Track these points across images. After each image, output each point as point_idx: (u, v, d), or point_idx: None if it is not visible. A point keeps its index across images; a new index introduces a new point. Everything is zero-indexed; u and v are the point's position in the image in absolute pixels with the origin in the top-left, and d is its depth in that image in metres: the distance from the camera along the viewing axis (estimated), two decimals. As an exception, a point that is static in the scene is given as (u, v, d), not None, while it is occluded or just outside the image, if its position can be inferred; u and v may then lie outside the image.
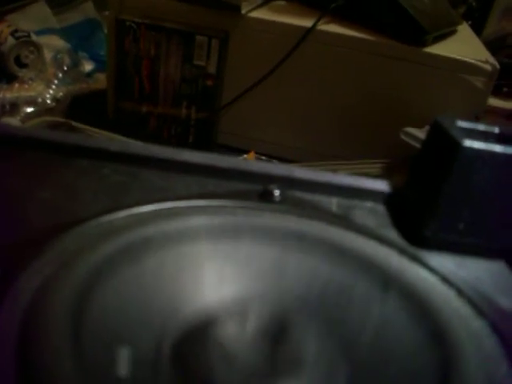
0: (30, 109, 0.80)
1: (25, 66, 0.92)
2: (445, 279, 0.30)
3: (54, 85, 0.86)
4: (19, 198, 0.31)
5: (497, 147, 0.31)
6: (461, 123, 0.34)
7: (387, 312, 0.28)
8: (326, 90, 0.78)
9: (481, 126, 0.34)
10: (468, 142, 0.31)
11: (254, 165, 0.38)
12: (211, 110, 0.80)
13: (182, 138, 0.82)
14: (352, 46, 0.75)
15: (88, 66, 0.98)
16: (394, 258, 0.31)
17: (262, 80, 0.77)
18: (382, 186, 0.38)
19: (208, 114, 0.80)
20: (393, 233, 0.34)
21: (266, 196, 0.35)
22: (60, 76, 0.88)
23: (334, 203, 0.36)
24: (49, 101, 0.83)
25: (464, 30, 0.88)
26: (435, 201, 0.33)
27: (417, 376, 0.25)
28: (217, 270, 0.30)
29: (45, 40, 0.97)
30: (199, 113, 0.80)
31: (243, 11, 0.75)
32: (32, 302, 0.23)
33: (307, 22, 0.74)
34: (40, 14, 1.04)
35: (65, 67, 0.90)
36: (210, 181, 0.36)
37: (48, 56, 0.94)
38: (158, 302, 0.27)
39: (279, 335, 0.28)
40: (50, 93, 0.84)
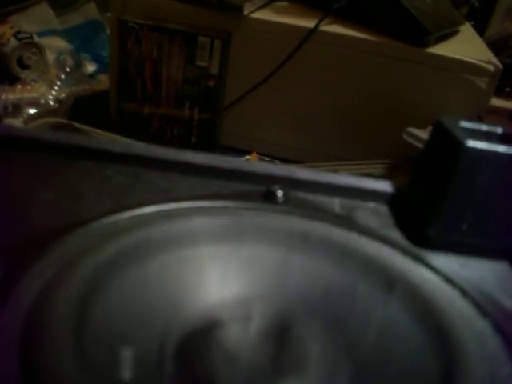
0: (32, 110, 0.81)
1: (27, 67, 0.92)
2: (448, 279, 0.30)
3: (56, 86, 0.86)
4: (22, 199, 0.32)
5: (500, 147, 0.31)
6: (464, 123, 0.34)
7: (391, 312, 0.28)
8: (328, 90, 0.78)
9: (484, 127, 0.34)
10: (471, 143, 0.31)
11: (256, 166, 0.38)
12: (214, 110, 0.80)
13: (184, 139, 0.82)
14: (354, 46, 0.75)
15: (90, 67, 0.98)
16: (397, 259, 0.31)
17: (264, 81, 0.77)
18: (384, 186, 0.38)
19: (210, 114, 0.80)
20: (396, 233, 0.34)
21: (269, 197, 0.35)
22: (62, 77, 0.88)
23: (337, 204, 0.36)
24: (51, 102, 0.83)
25: (466, 31, 0.88)
26: (438, 201, 0.33)
27: (420, 376, 0.25)
28: (220, 270, 0.30)
29: (47, 41, 0.98)
30: (202, 114, 0.80)
31: (245, 12, 0.75)
32: (35, 303, 0.24)
33: (309, 23, 0.74)
34: (42, 15, 1.04)
35: (67, 68, 0.90)
36: (213, 182, 0.36)
37: (50, 57, 0.94)
38: (161, 303, 0.27)
39: (282, 336, 0.28)
40: (53, 94, 0.84)
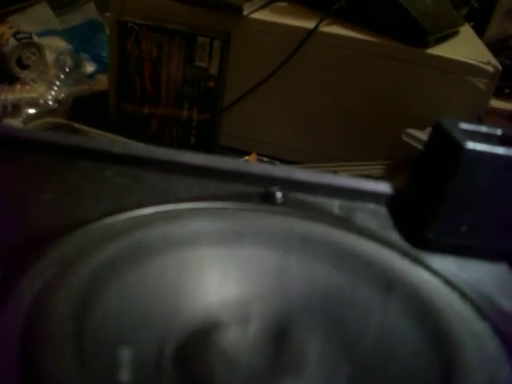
0: (31, 110, 0.80)
1: (26, 67, 0.92)
2: (447, 281, 0.30)
3: (55, 86, 0.86)
4: (21, 199, 0.31)
5: (499, 149, 0.31)
6: (463, 125, 0.34)
7: (389, 314, 0.28)
8: (328, 91, 0.78)
9: (483, 128, 0.34)
10: (470, 144, 0.31)
11: (255, 167, 0.38)
12: (213, 111, 0.80)
13: (183, 140, 0.82)
14: (354, 47, 0.75)
15: (90, 68, 0.98)
16: (396, 260, 0.31)
17: (263, 81, 0.77)
18: (383, 187, 0.38)
19: (210, 115, 0.80)
20: (395, 235, 0.34)
21: (268, 198, 0.35)
22: (62, 77, 0.88)
23: (336, 205, 0.36)
24: (51, 102, 0.83)
25: (466, 32, 0.88)
26: (437, 203, 0.33)
27: (419, 377, 0.25)
28: (219, 272, 0.30)
29: (47, 41, 0.97)
30: (201, 114, 0.80)
31: (245, 12, 0.75)
32: (34, 304, 0.24)
33: (309, 24, 0.74)
34: (42, 15, 1.04)
35: (67, 68, 0.90)
36: (212, 183, 0.36)
37: (50, 57, 0.94)
38: (160, 304, 0.27)
39: (281, 337, 0.28)
40: (52, 94, 0.84)
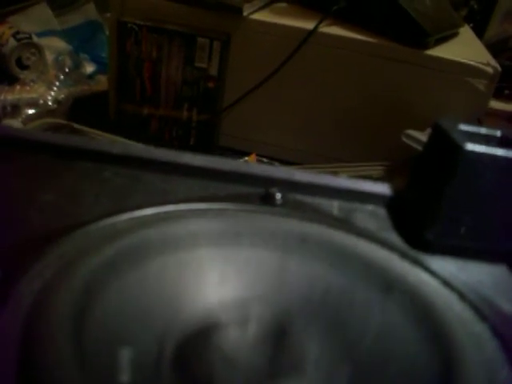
0: (31, 111, 0.80)
1: (26, 67, 0.92)
2: (446, 283, 0.30)
3: (55, 86, 0.86)
4: (21, 200, 0.31)
5: (499, 151, 0.31)
6: (462, 126, 0.34)
7: (389, 315, 0.28)
8: (327, 92, 0.78)
9: (483, 130, 0.34)
10: (470, 146, 0.31)
11: (255, 168, 0.38)
12: (213, 112, 0.80)
13: (183, 140, 0.82)
14: (354, 48, 0.75)
15: (89, 68, 0.98)
16: (395, 262, 0.31)
17: (263, 82, 0.77)
18: (383, 188, 0.38)
19: (209, 116, 0.80)
20: (394, 236, 0.34)
21: (268, 199, 0.35)
22: (61, 78, 0.88)
23: (335, 206, 0.36)
24: (50, 103, 0.83)
25: (466, 33, 0.88)
26: (436, 204, 0.33)
27: (418, 379, 0.25)
28: (218, 272, 0.30)
29: (46, 42, 0.97)
30: (201, 115, 0.80)
31: (245, 13, 0.75)
32: (34, 304, 0.24)
33: (309, 25, 0.74)
34: (41, 15, 1.04)
35: (66, 69, 0.90)
36: (212, 184, 0.36)
37: (49, 58, 0.94)
38: (160, 304, 0.27)
39: (281, 337, 0.28)
40: (52, 95, 0.84)
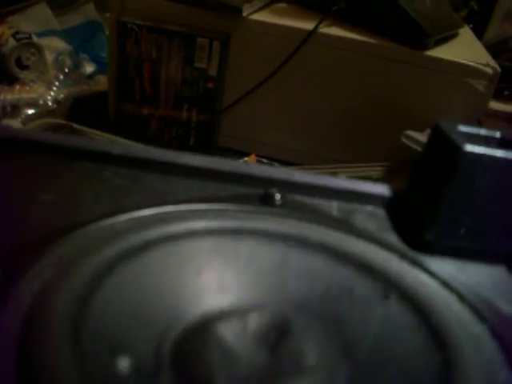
0: (31, 111, 0.81)
1: (26, 67, 0.92)
2: (445, 284, 0.30)
3: (55, 87, 0.86)
4: (20, 200, 0.31)
5: (498, 152, 0.31)
6: (462, 127, 0.34)
7: (388, 316, 0.28)
8: (327, 92, 0.78)
9: (482, 131, 0.34)
10: (469, 147, 0.31)
11: (254, 168, 0.38)
12: (212, 112, 0.80)
13: (182, 141, 0.82)
14: (353, 48, 0.75)
15: (89, 68, 0.98)
16: (394, 263, 0.31)
17: (263, 82, 0.77)
18: (382, 189, 0.38)
19: (209, 116, 0.80)
20: (393, 237, 0.34)
21: (267, 200, 0.35)
22: (61, 78, 0.88)
23: (335, 207, 0.36)
24: (50, 103, 0.83)
25: (465, 34, 0.88)
26: (436, 205, 0.33)
27: (417, 379, 0.25)
28: (217, 272, 0.30)
29: (46, 42, 0.97)
30: (200, 115, 0.80)
31: (244, 13, 0.75)
32: (33, 304, 0.24)
33: (309, 25, 0.74)
34: (41, 15, 1.04)
35: (66, 69, 0.90)
36: (211, 184, 0.36)
37: (49, 58, 0.94)
38: (160, 304, 0.27)
39: (280, 337, 0.28)
40: (51, 95, 0.84)
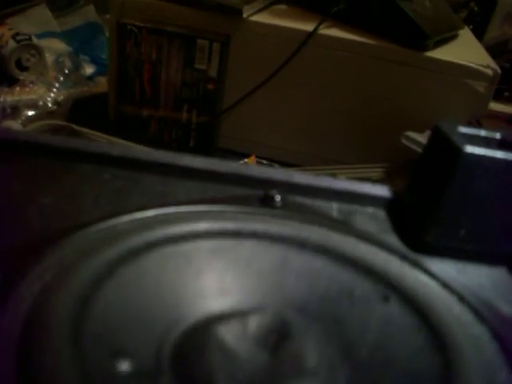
0: (31, 112, 0.81)
1: (26, 69, 0.92)
2: (446, 285, 0.30)
3: (55, 88, 0.86)
4: (20, 202, 0.31)
5: (498, 153, 0.31)
6: (462, 129, 0.34)
7: (388, 317, 0.28)
8: (327, 93, 0.78)
9: (482, 132, 0.34)
10: (469, 148, 0.31)
11: (254, 170, 0.38)
12: (212, 113, 0.80)
13: (182, 142, 0.82)
14: (353, 50, 0.75)
15: (89, 70, 0.98)
16: (394, 264, 0.31)
17: (263, 84, 0.77)
18: (382, 191, 0.38)
19: (209, 117, 0.80)
20: (393, 238, 0.34)
21: (267, 201, 0.35)
22: (61, 79, 0.88)
23: (335, 208, 0.36)
24: (50, 104, 0.83)
25: (465, 35, 0.88)
26: (436, 206, 0.33)
27: (417, 380, 0.25)
28: (218, 274, 0.30)
29: (46, 43, 0.97)
30: (200, 117, 0.80)
31: (244, 15, 0.75)
32: (33, 306, 0.24)
33: (308, 26, 0.74)
34: (41, 17, 1.04)
35: (66, 70, 0.90)
36: (211, 186, 0.36)
37: (49, 59, 0.94)
38: (160, 305, 0.27)
39: (281, 339, 0.28)
40: (51, 96, 0.84)
